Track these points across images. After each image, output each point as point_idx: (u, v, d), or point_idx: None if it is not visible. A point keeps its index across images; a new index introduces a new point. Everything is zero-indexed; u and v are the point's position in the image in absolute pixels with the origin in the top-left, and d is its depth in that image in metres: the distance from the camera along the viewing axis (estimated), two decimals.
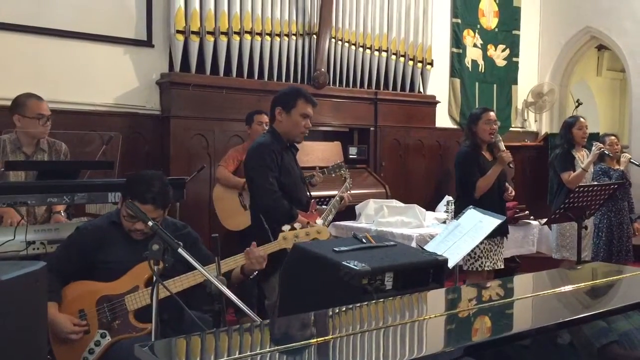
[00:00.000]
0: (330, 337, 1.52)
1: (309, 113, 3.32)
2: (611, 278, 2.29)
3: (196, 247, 2.84)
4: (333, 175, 4.53)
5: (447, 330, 1.69)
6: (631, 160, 5.62)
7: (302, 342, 1.48)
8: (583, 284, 2.15)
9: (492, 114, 4.43)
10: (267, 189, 3.21)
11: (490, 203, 4.13)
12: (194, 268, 2.26)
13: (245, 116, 5.07)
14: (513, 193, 4.59)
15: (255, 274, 2.86)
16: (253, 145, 3.42)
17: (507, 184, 4.58)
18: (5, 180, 3.37)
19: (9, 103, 3.73)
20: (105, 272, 2.69)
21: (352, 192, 4.00)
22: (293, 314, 1.85)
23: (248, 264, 2.75)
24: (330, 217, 3.58)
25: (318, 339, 1.49)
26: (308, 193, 3.53)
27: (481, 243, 4.16)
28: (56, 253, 2.81)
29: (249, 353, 1.42)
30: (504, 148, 4.38)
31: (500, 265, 4.43)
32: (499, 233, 4.30)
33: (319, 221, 3.43)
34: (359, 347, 1.49)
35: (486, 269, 4.29)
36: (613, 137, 5.56)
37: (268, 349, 1.45)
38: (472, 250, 4.15)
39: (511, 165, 4.42)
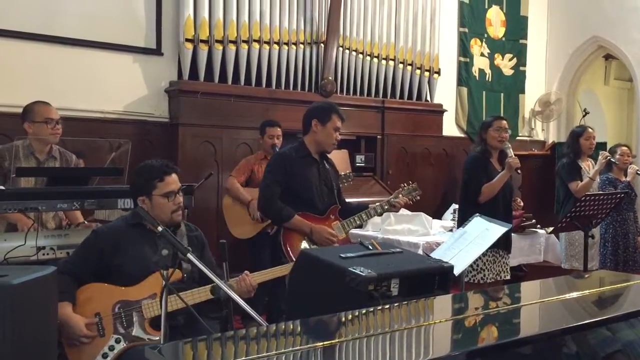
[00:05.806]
0: (337, 341, 1.54)
1: (340, 127, 3.72)
2: (618, 285, 2.29)
3: (203, 251, 2.91)
4: (345, 183, 4.62)
5: (452, 335, 1.70)
6: (638, 172, 5.59)
7: (308, 346, 1.49)
8: (589, 291, 2.15)
9: (503, 122, 4.45)
10: (264, 190, 3.63)
11: (493, 214, 3.93)
12: (210, 281, 2.28)
13: (260, 124, 5.10)
14: (521, 203, 4.59)
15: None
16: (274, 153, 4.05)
17: (515, 194, 4.58)
18: (16, 185, 3.41)
19: (19, 110, 3.78)
20: (121, 275, 2.70)
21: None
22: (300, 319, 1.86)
23: (237, 290, 2.75)
24: (356, 223, 3.72)
25: (324, 343, 1.50)
26: (334, 199, 3.69)
27: (484, 255, 4.15)
28: (73, 255, 2.84)
29: (255, 356, 1.43)
30: (513, 154, 4.39)
31: (505, 276, 4.41)
32: (502, 246, 4.29)
33: (336, 226, 3.60)
34: (365, 351, 1.51)
35: (488, 281, 4.28)
36: (625, 148, 5.53)
37: (275, 352, 1.47)
38: (474, 263, 4.14)
39: (519, 171, 4.42)
